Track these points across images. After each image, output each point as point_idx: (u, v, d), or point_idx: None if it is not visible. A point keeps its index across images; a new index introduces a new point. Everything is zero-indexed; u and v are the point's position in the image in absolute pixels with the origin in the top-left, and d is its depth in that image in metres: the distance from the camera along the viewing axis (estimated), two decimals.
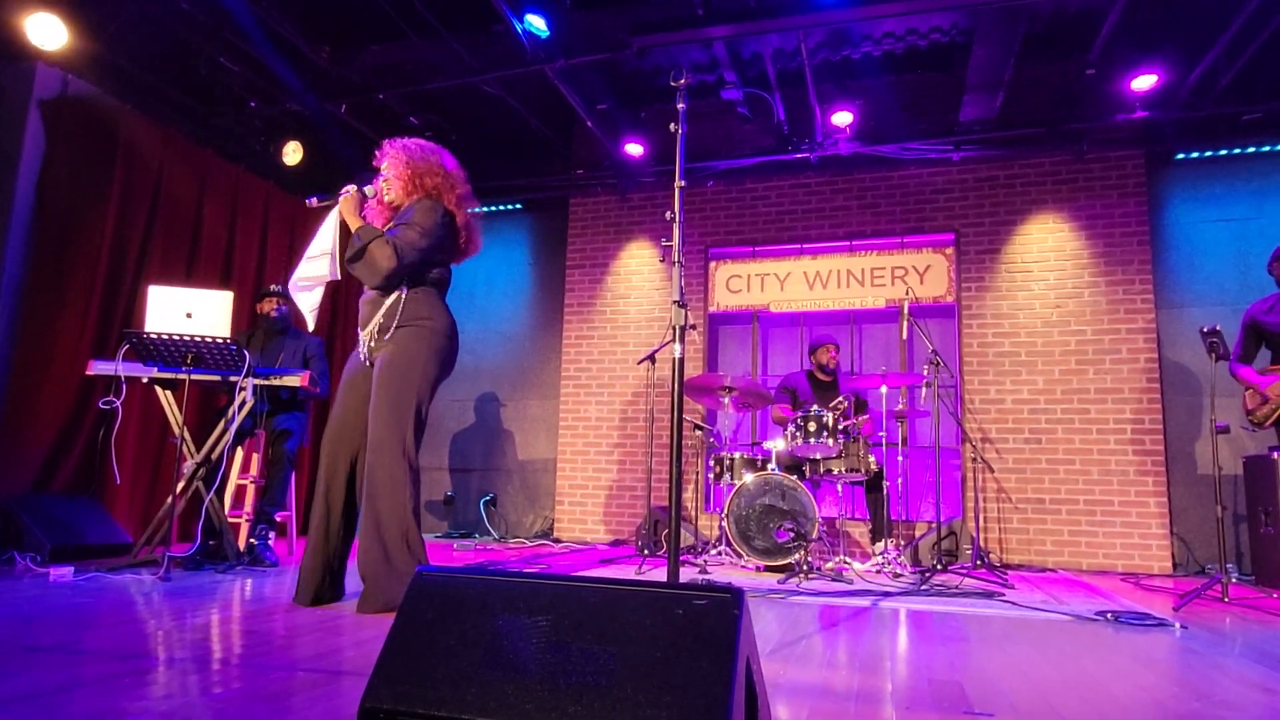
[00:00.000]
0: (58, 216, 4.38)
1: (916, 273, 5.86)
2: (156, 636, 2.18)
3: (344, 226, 2.84)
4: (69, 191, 4.44)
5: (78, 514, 3.99)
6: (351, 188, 2.84)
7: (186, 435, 3.70)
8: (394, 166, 2.85)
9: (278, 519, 4.21)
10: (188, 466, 3.73)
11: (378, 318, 2.77)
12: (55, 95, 4.49)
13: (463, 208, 2.92)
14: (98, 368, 3.68)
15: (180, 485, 3.62)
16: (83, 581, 3.15)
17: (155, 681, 1.68)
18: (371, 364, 2.79)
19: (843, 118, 5.42)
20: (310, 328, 2.99)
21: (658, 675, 0.94)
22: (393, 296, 2.77)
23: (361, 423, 2.77)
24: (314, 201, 2.90)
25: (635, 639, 0.98)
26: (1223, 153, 5.40)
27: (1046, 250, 5.59)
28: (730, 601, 0.98)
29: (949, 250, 5.84)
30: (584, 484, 6.29)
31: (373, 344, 2.78)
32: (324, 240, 2.84)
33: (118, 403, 3.43)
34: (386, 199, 2.90)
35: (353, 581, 2.78)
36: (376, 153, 2.92)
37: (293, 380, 3.85)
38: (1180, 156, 5.50)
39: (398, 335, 2.74)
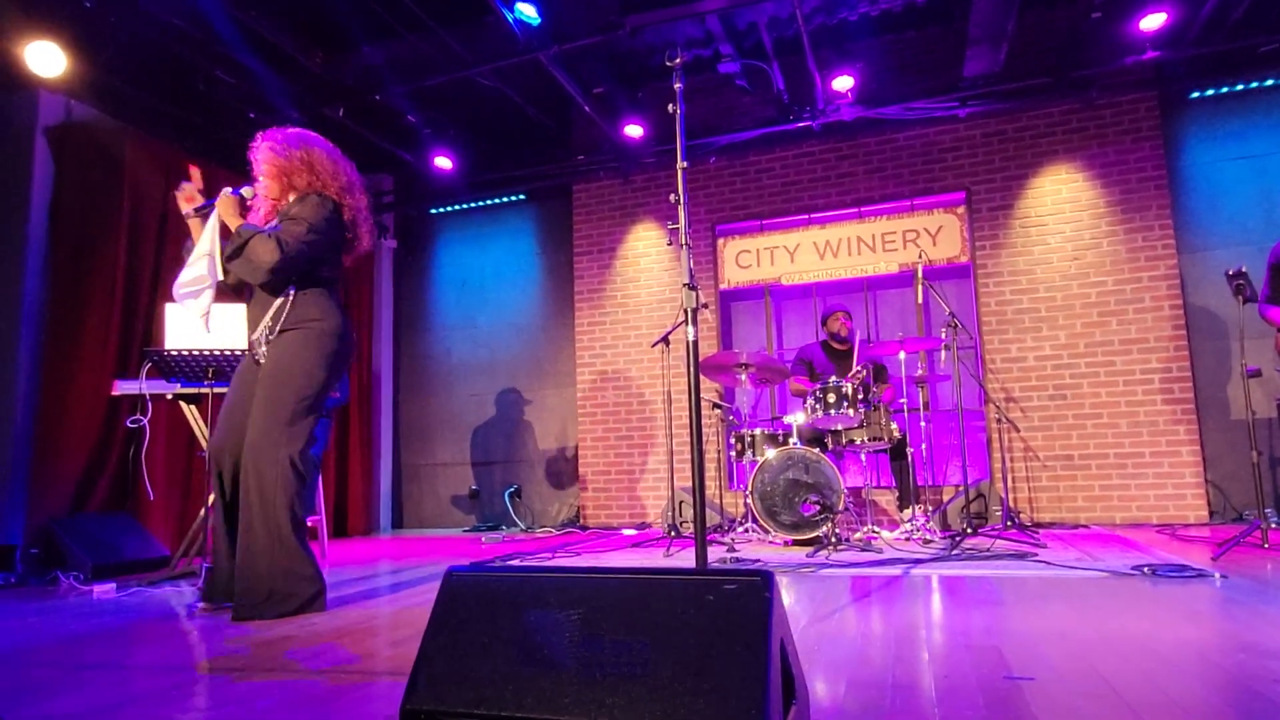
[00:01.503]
0: (72, 241, 4.44)
1: (929, 235, 5.78)
2: (200, 648, 2.21)
3: (224, 228, 2.74)
4: (81, 216, 4.49)
5: (116, 531, 4.07)
6: (228, 190, 2.75)
7: None
8: (262, 165, 2.77)
9: (308, 523, 4.25)
10: None
11: (266, 320, 2.69)
12: (60, 122, 4.53)
13: (346, 200, 2.81)
14: (122, 388, 3.73)
15: (211, 497, 3.66)
16: (125, 597, 3.21)
17: (203, 693, 1.71)
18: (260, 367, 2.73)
19: (843, 82, 5.33)
20: (207, 332, 2.87)
21: (693, 662, 0.94)
22: (280, 298, 2.69)
23: (243, 422, 2.71)
24: (192, 211, 2.81)
25: (668, 627, 0.97)
26: (1239, 88, 5.27)
27: (1061, 202, 5.50)
28: (761, 584, 0.98)
29: (960, 210, 5.75)
30: (606, 470, 6.31)
31: (263, 348, 2.71)
32: (203, 243, 2.73)
33: (144, 421, 3.48)
34: (265, 196, 2.80)
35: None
36: (251, 145, 2.81)
37: None
38: (1195, 95, 5.36)
39: (285, 338, 2.67)
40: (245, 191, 2.78)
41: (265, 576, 2.57)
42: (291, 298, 2.69)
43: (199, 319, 2.77)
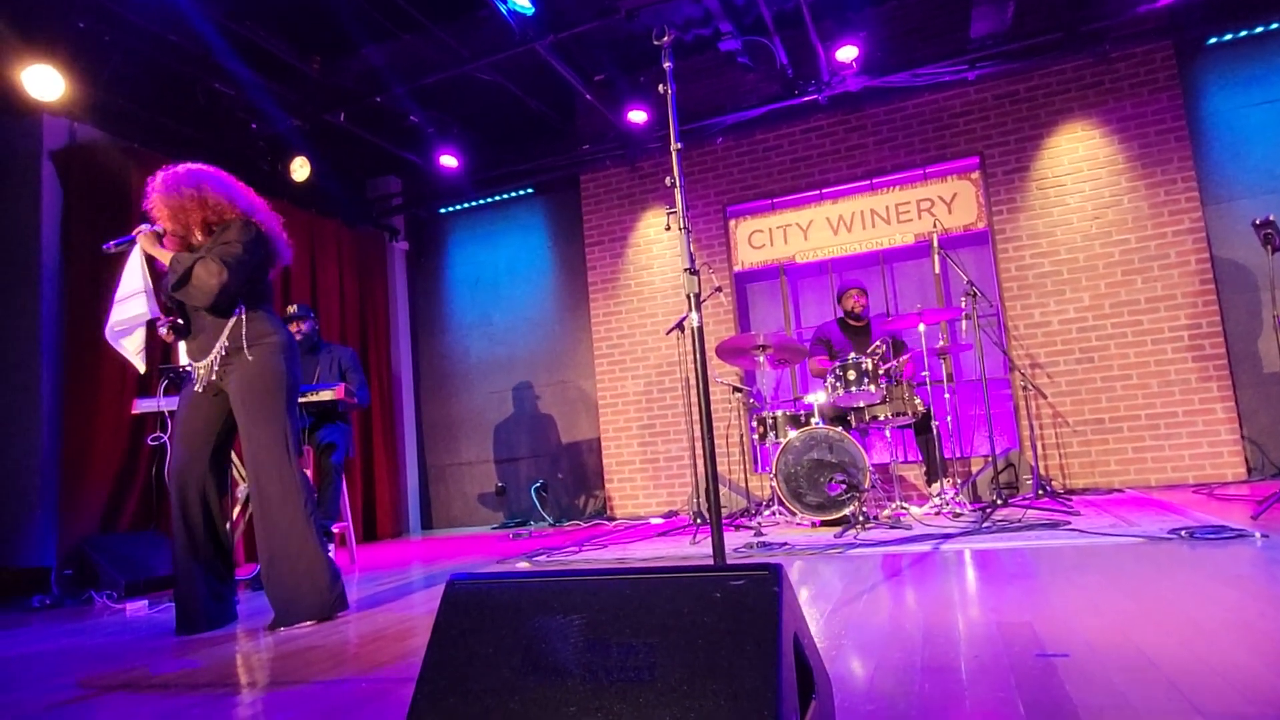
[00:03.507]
0: (84, 263, 4.47)
1: (943, 203, 5.67)
2: (232, 660, 2.23)
3: (151, 263, 2.77)
4: (91, 237, 4.51)
5: (146, 548, 4.12)
6: (145, 226, 2.75)
7: (235, 459, 3.77)
8: (159, 209, 2.77)
9: (335, 530, 4.28)
10: (241, 491, 3.81)
11: (221, 341, 2.72)
12: (64, 145, 4.56)
13: (257, 220, 2.85)
14: (142, 406, 3.77)
15: (236, 510, 3.70)
16: (158, 614, 3.25)
17: (236, 706, 1.72)
18: (216, 392, 2.75)
19: (847, 52, 5.22)
20: (141, 370, 2.91)
21: (701, 664, 0.90)
22: (233, 319, 2.73)
23: (206, 450, 2.76)
24: (111, 246, 2.80)
25: (674, 628, 0.94)
26: (1259, 30, 5.07)
27: (1078, 161, 5.35)
28: (768, 578, 0.94)
29: (975, 175, 5.63)
30: (630, 459, 6.29)
31: (219, 369, 2.72)
32: (133, 280, 2.74)
33: (165, 438, 3.50)
34: (170, 236, 2.81)
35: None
36: (146, 190, 2.82)
37: (328, 394, 3.89)
38: (1212, 41, 5.18)
39: (249, 355, 2.71)
40: (159, 229, 2.79)
41: (300, 583, 2.65)
42: (244, 316, 2.75)
43: (135, 357, 2.82)
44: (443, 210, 7.28)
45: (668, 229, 1.95)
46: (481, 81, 5.42)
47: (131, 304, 2.75)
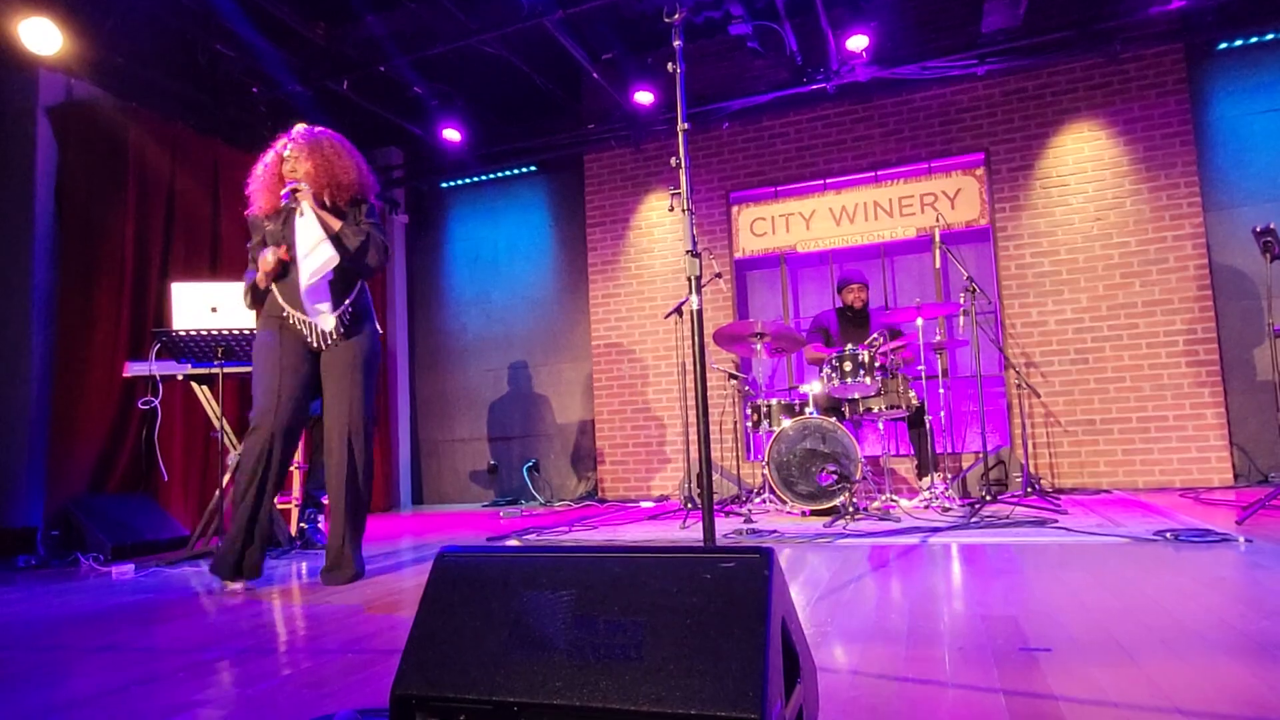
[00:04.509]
0: (78, 222, 4.43)
1: (947, 198, 5.65)
2: (217, 627, 2.23)
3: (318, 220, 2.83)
4: (87, 197, 4.47)
5: (134, 512, 4.11)
6: (304, 186, 2.78)
7: (226, 427, 3.75)
8: (313, 163, 2.81)
9: (325, 502, 4.28)
10: (231, 458, 3.79)
11: (346, 305, 2.87)
12: (61, 101, 4.51)
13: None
14: (133, 369, 3.74)
15: (226, 477, 3.69)
16: (144, 578, 3.25)
17: (217, 672, 1.72)
18: (319, 352, 2.87)
19: (858, 42, 5.18)
20: (334, 337, 2.88)
21: (688, 643, 0.91)
22: (357, 287, 2.90)
23: (304, 407, 2.88)
24: (287, 198, 2.82)
25: (663, 607, 0.94)
26: (1269, 37, 5.05)
27: (1083, 161, 5.33)
28: (759, 562, 0.94)
29: (979, 171, 5.61)
30: (624, 443, 6.30)
31: (341, 329, 2.84)
32: (312, 233, 2.76)
33: (156, 402, 3.50)
34: (312, 193, 2.84)
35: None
36: (283, 136, 2.88)
37: None
38: (1223, 46, 5.16)
39: (363, 327, 2.91)
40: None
41: (360, 544, 2.90)
42: (365, 288, 2.95)
43: (327, 320, 2.83)
44: (444, 184, 7.23)
45: (671, 210, 1.93)
46: (487, 55, 5.36)
47: (318, 253, 2.76)
